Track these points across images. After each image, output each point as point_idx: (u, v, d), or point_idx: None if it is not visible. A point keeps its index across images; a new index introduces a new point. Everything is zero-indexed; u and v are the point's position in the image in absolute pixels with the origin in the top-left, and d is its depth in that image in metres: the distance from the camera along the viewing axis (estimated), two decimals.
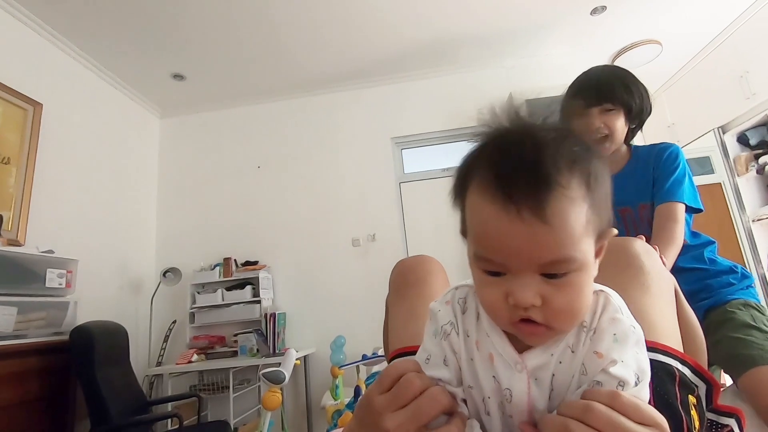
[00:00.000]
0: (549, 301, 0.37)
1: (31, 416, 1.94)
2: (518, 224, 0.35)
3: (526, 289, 0.37)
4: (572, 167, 0.37)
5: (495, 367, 0.44)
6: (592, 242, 0.39)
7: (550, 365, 0.42)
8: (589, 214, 0.38)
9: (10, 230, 2.24)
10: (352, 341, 2.92)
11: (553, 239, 0.36)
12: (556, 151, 0.37)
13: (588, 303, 0.41)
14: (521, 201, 0.35)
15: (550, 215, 0.35)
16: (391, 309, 0.84)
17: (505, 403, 0.44)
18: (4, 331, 1.90)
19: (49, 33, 2.63)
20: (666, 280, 0.70)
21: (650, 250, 0.71)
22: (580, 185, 0.37)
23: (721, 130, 3.21)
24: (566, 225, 0.36)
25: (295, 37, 2.96)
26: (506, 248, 0.37)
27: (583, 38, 3.22)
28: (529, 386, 0.42)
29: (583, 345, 0.41)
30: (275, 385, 1.85)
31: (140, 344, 3.02)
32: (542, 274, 0.37)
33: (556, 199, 0.35)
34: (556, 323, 0.39)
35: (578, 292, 0.38)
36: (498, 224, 0.37)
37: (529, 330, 0.39)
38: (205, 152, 3.66)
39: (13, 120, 2.35)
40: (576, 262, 0.37)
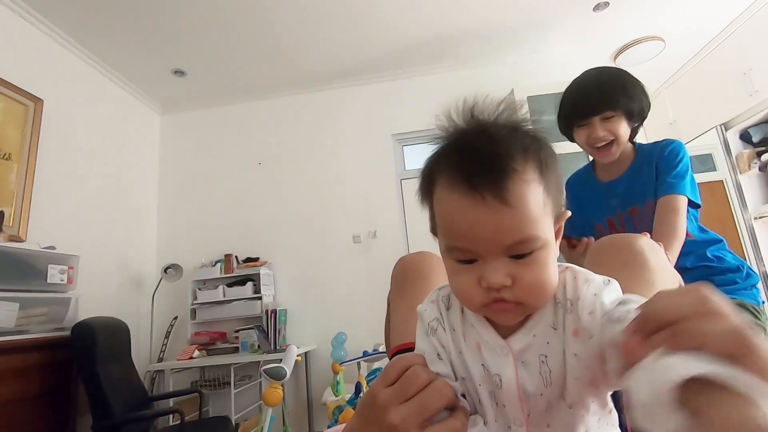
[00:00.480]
0: (518, 279, 0.40)
1: (32, 412, 1.95)
2: (483, 210, 0.39)
3: (497, 272, 0.40)
4: (525, 155, 0.41)
5: (483, 355, 0.46)
6: (551, 223, 0.42)
7: (534, 346, 0.43)
8: (545, 196, 0.41)
9: (12, 226, 2.24)
10: (353, 338, 2.93)
11: (516, 220, 0.39)
12: (509, 142, 0.41)
13: (554, 279, 0.42)
14: (484, 188, 0.38)
15: (510, 198, 0.38)
16: (393, 305, 0.85)
17: (496, 390, 0.45)
18: (5, 327, 1.90)
19: (49, 29, 2.63)
20: (671, 276, 0.69)
21: (655, 247, 0.71)
22: (534, 170, 0.41)
23: (723, 128, 3.19)
24: (526, 206, 0.39)
25: (296, 34, 2.95)
26: (474, 234, 0.40)
27: (585, 34, 3.21)
28: (516, 369, 0.44)
29: (564, 319, 0.43)
30: (276, 381, 1.85)
31: (142, 340, 3.03)
32: (510, 256, 0.40)
33: (515, 183, 0.39)
34: (527, 299, 0.41)
35: (544, 269, 0.41)
36: (465, 212, 0.40)
37: (499, 308, 0.42)
38: (205, 148, 3.66)
39: (15, 116, 2.35)
40: (539, 240, 0.40)
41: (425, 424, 0.41)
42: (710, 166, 3.43)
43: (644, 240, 0.71)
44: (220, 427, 2.17)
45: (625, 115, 1.16)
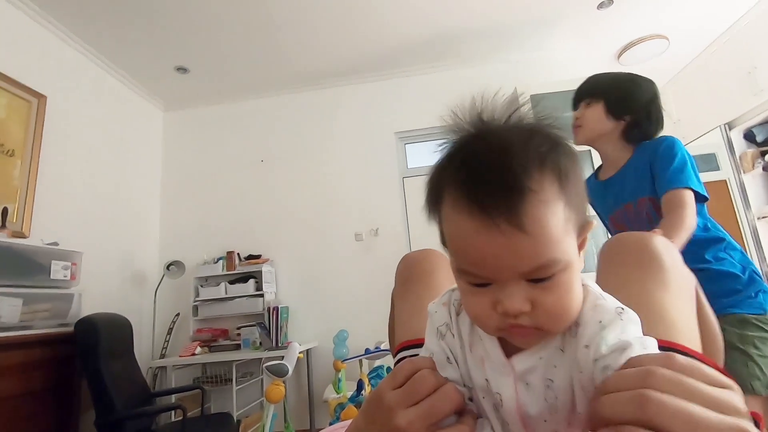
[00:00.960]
0: (538, 304, 0.37)
1: (36, 406, 1.96)
2: (497, 236, 0.35)
3: (514, 298, 0.36)
4: (542, 168, 0.36)
5: (486, 370, 0.44)
6: (573, 239, 0.39)
7: (539, 368, 0.41)
8: (566, 212, 0.37)
9: (15, 222, 2.25)
10: (355, 335, 2.93)
11: (533, 246, 0.35)
12: (523, 152, 0.36)
13: (578, 300, 0.39)
14: (496, 212, 0.35)
15: (527, 223, 0.34)
16: (397, 302, 0.84)
17: (497, 406, 0.43)
18: (9, 322, 1.91)
19: (53, 26, 2.63)
20: (686, 277, 0.67)
21: (669, 246, 0.69)
22: (551, 185, 0.36)
23: (727, 127, 3.18)
24: (545, 230, 0.35)
25: (299, 32, 2.95)
26: (488, 261, 0.36)
27: (589, 33, 3.20)
28: (517, 390, 0.42)
29: (571, 343, 0.40)
30: (278, 378, 1.85)
31: (144, 336, 3.04)
32: (528, 279, 0.37)
33: (531, 205, 0.35)
34: (548, 325, 0.38)
35: (567, 291, 0.38)
36: (477, 238, 0.36)
37: (518, 333, 0.39)
38: (208, 146, 3.66)
39: (18, 112, 2.36)
40: (560, 263, 0.36)
41: (432, 428, 0.40)
42: (714, 166, 3.42)
43: (658, 239, 0.69)
44: (221, 424, 2.18)
45: (603, 101, 1.21)
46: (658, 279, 0.64)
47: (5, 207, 2.16)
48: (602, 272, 0.70)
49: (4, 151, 2.26)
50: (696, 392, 0.30)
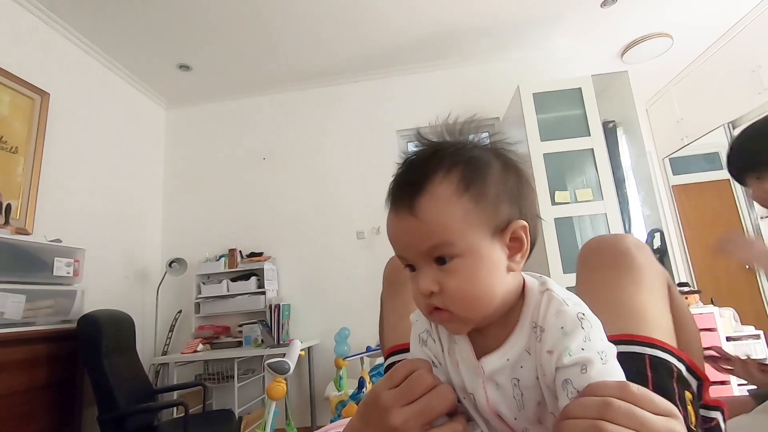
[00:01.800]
0: (443, 286, 0.42)
1: (39, 402, 1.97)
2: (398, 221, 0.44)
3: (424, 278, 0.43)
4: (447, 174, 0.43)
5: (460, 372, 0.46)
6: (480, 232, 0.43)
7: (507, 369, 0.43)
8: (470, 205, 0.43)
9: (18, 219, 2.26)
10: (356, 333, 2.94)
11: (422, 228, 0.42)
12: (437, 164, 0.44)
13: (483, 290, 0.42)
14: (400, 205, 0.44)
15: (418, 211, 0.42)
16: (385, 305, 0.85)
17: (474, 405, 0.46)
18: (13, 319, 1.92)
19: (56, 23, 2.64)
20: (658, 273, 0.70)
21: (641, 245, 0.72)
22: (453, 184, 0.43)
23: (731, 126, 3.17)
24: (432, 216, 0.42)
25: (301, 29, 2.95)
26: (397, 241, 0.45)
27: (592, 31, 3.18)
28: (486, 390, 0.44)
29: (536, 346, 0.42)
30: (280, 375, 1.86)
31: (146, 333, 3.05)
32: (436, 263, 0.43)
33: (424, 199, 0.42)
34: (453, 307, 0.42)
35: (468, 278, 0.42)
36: (390, 223, 0.46)
37: (439, 317, 0.44)
38: (210, 143, 3.67)
39: (21, 109, 2.36)
40: (454, 246, 0.42)
41: (427, 427, 0.41)
42: (717, 165, 3.41)
43: (630, 239, 0.71)
44: (223, 420, 2.19)
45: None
46: (630, 277, 0.66)
47: (9, 203, 2.17)
48: (580, 275, 0.73)
49: (7, 148, 2.26)
50: (645, 422, 0.35)
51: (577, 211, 2.70)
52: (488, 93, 3.34)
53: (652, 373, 0.56)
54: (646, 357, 0.58)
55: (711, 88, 3.43)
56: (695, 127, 3.57)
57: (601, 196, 2.67)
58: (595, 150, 2.71)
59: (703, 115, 3.49)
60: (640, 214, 2.98)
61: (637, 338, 0.59)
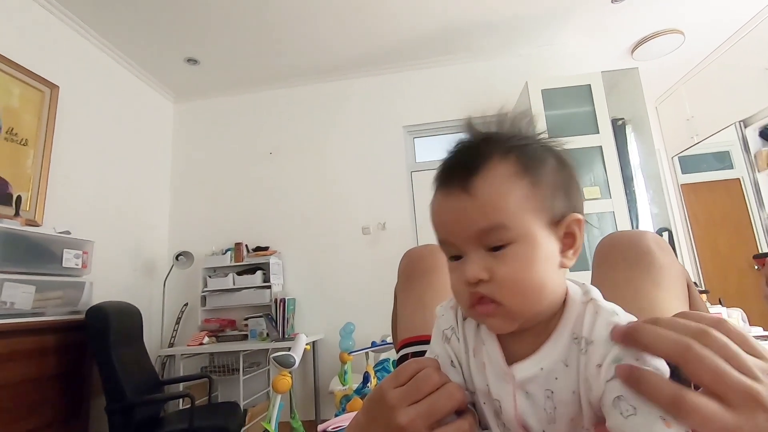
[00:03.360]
0: (494, 273, 0.39)
1: (48, 391, 2.00)
2: (450, 200, 0.41)
3: (473, 264, 0.40)
4: (506, 155, 0.41)
5: (487, 375, 0.44)
6: (536, 220, 0.41)
7: (540, 379, 0.41)
8: (526, 190, 0.40)
9: (28, 211, 2.28)
10: (361, 328, 2.95)
11: (476, 208, 0.40)
12: (493, 147, 0.42)
13: (539, 281, 0.40)
14: (452, 182, 0.42)
15: (473, 188, 0.40)
16: (400, 298, 0.85)
17: (498, 413, 0.44)
18: (23, 309, 1.95)
19: (65, 16, 2.65)
20: (678, 273, 0.69)
21: (662, 243, 0.70)
22: (511, 167, 0.41)
23: (742, 124, 3.13)
24: (488, 195, 0.40)
25: (309, 24, 2.94)
26: (446, 222, 0.42)
27: (602, 27, 3.15)
28: (515, 398, 0.42)
29: (578, 359, 0.39)
30: (285, 369, 1.87)
31: (153, 325, 3.08)
32: (488, 249, 0.40)
33: (481, 177, 0.40)
34: (504, 297, 0.39)
35: (523, 266, 0.39)
36: (438, 205, 0.43)
37: (483, 311, 0.41)
38: (217, 137, 3.68)
39: (31, 102, 2.38)
40: (510, 230, 0.39)
41: (434, 426, 0.40)
42: (728, 164, 3.36)
43: (650, 236, 0.70)
44: (229, 412, 2.21)
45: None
46: (650, 277, 0.65)
47: (19, 195, 2.20)
48: (596, 273, 0.72)
49: (17, 141, 2.29)
50: (737, 357, 0.32)
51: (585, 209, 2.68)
52: (496, 89, 3.31)
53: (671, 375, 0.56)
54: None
55: (722, 85, 3.38)
56: (706, 126, 3.52)
57: (609, 195, 2.65)
58: (604, 148, 2.69)
59: (713, 113, 3.44)
60: (648, 212, 2.95)
61: None
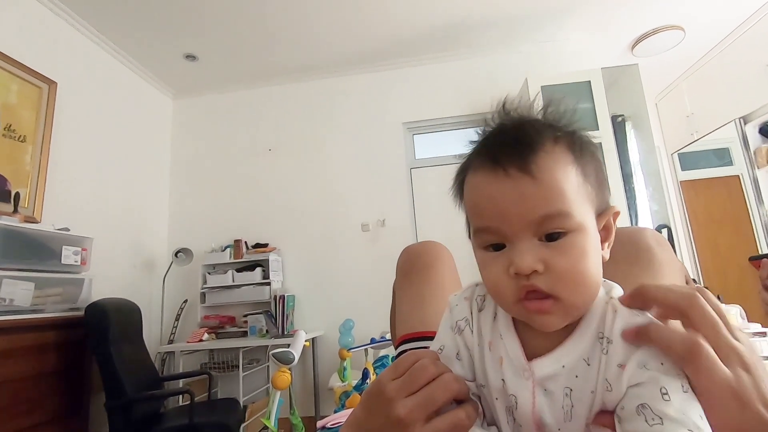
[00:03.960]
0: (551, 265, 0.36)
1: (48, 388, 2.00)
2: (506, 182, 0.37)
3: (525, 254, 0.37)
4: (556, 138, 0.39)
5: (503, 371, 0.43)
6: (589, 210, 0.39)
7: (561, 377, 0.40)
8: (580, 178, 0.39)
9: (27, 207, 2.28)
10: (361, 325, 2.95)
11: (540, 192, 0.37)
12: (540, 126, 0.40)
13: (596, 272, 0.39)
14: (507, 161, 0.38)
15: (534, 170, 0.37)
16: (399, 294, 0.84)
17: (512, 409, 0.42)
18: (22, 306, 1.95)
19: (63, 12, 2.63)
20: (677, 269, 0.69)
21: (661, 240, 0.70)
22: (564, 152, 0.39)
23: (742, 121, 3.12)
24: (553, 179, 0.37)
25: (308, 20, 2.93)
26: (499, 208, 0.38)
27: (602, 23, 3.13)
28: (534, 395, 0.41)
29: (600, 358, 0.38)
30: (285, 365, 1.88)
31: (153, 322, 3.08)
32: (541, 239, 0.37)
33: (541, 158, 0.37)
34: (563, 291, 0.37)
35: (581, 255, 0.37)
36: (488, 187, 0.39)
37: (535, 307, 0.38)
38: (217, 133, 3.67)
39: (29, 98, 2.37)
40: (571, 218, 0.37)
41: (431, 416, 0.40)
42: (727, 161, 3.36)
43: (649, 233, 0.70)
44: (228, 408, 2.21)
45: None
46: (649, 273, 0.65)
47: (17, 192, 2.19)
48: None
49: (16, 137, 2.28)
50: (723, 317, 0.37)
51: None
52: (496, 85, 3.30)
53: None
54: None
55: (722, 82, 3.38)
56: (705, 122, 3.52)
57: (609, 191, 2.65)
58: (604, 144, 2.69)
59: (713, 109, 3.44)
60: (648, 209, 2.95)
61: None
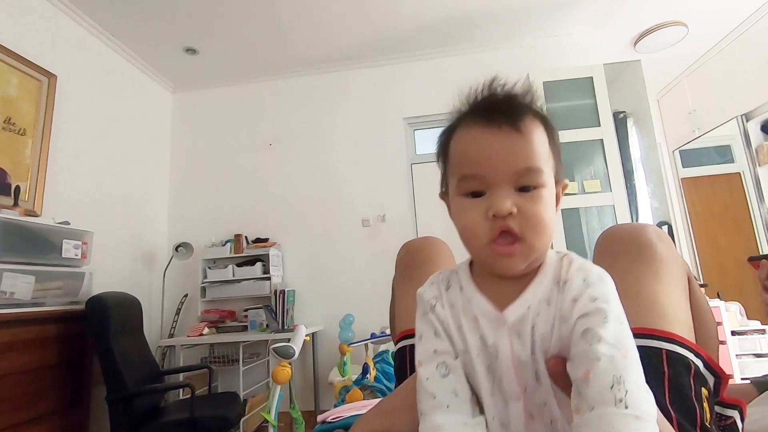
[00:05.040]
0: (523, 210, 0.43)
1: (49, 381, 2.01)
2: (498, 135, 0.45)
3: (504, 199, 0.43)
4: (534, 115, 0.47)
5: (480, 327, 0.46)
6: (551, 174, 0.47)
7: (529, 318, 0.44)
8: (549, 146, 0.47)
9: (27, 201, 2.28)
10: (361, 320, 2.96)
11: (526, 147, 0.44)
12: (524, 102, 0.48)
13: (553, 222, 0.46)
14: (500, 119, 0.45)
15: (523, 128, 0.45)
16: (398, 290, 0.85)
17: (492, 362, 0.45)
18: (23, 299, 1.95)
19: (64, 5, 2.62)
20: (679, 266, 0.69)
21: (663, 236, 0.70)
22: (540, 124, 0.47)
23: (744, 118, 3.11)
24: (535, 137, 0.45)
25: (309, 14, 2.91)
26: (490, 157, 0.44)
27: (605, 18, 3.11)
28: (511, 340, 0.45)
29: (557, 298, 0.45)
30: (285, 360, 1.88)
31: (153, 316, 3.09)
32: (516, 189, 0.44)
33: (527, 119, 0.46)
34: (529, 232, 0.43)
35: (546, 206, 0.45)
36: (481, 139, 0.45)
37: (504, 250, 0.44)
38: (217, 128, 3.66)
39: (29, 91, 2.37)
40: (543, 175, 0.45)
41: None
42: (728, 158, 3.36)
43: (651, 229, 0.70)
44: (229, 402, 2.22)
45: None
46: (651, 269, 0.65)
47: (18, 185, 2.19)
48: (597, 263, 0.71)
49: (16, 130, 2.27)
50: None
51: (585, 202, 2.68)
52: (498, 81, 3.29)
53: (669, 368, 0.56)
54: (663, 352, 0.57)
55: (725, 79, 3.36)
56: (707, 119, 3.51)
57: (610, 188, 2.64)
58: (605, 140, 2.68)
59: (715, 106, 3.43)
60: (649, 206, 2.95)
61: (655, 332, 0.59)
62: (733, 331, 2.58)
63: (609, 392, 0.37)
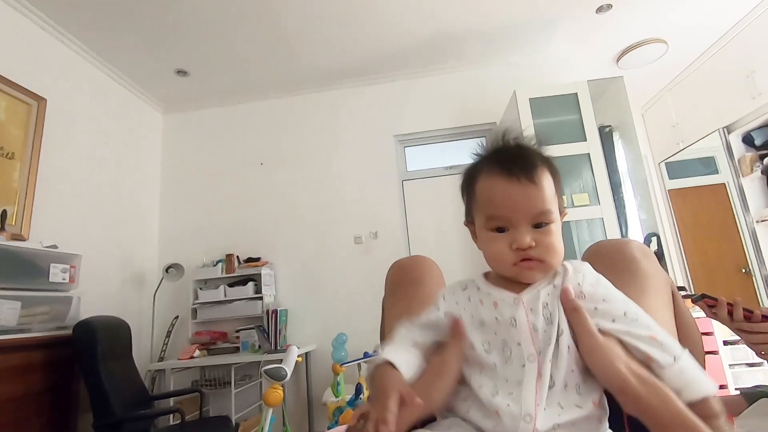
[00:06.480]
0: (539, 242, 0.57)
1: (35, 409, 1.96)
2: (518, 186, 0.57)
3: (525, 236, 0.56)
4: (543, 161, 0.61)
5: (500, 309, 0.58)
6: (557, 210, 0.60)
7: (540, 297, 0.57)
8: (555, 189, 0.60)
9: (14, 225, 2.25)
10: (354, 339, 2.93)
11: (540, 195, 0.57)
12: (533, 151, 0.61)
13: (562, 247, 0.59)
14: (519, 173, 0.57)
15: (536, 179, 0.57)
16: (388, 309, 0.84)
17: (511, 331, 0.56)
18: (8, 325, 1.91)
19: (52, 28, 2.64)
20: (663, 280, 0.70)
21: (646, 251, 0.72)
22: (547, 170, 0.60)
23: (726, 130, 3.19)
24: (546, 187, 0.58)
25: (298, 34, 2.96)
26: (511, 204, 0.57)
27: (588, 36, 3.20)
28: (527, 313, 0.57)
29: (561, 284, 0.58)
30: (277, 382, 1.85)
31: (143, 339, 3.03)
32: (532, 226, 0.57)
33: (539, 172, 0.58)
34: (547, 257, 0.57)
35: (556, 237, 0.58)
36: (505, 189, 0.58)
37: (527, 266, 0.57)
38: (207, 148, 3.67)
39: (18, 115, 2.36)
40: (552, 214, 0.58)
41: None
42: (713, 169, 3.42)
43: (635, 245, 0.72)
44: (220, 427, 2.17)
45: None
46: (635, 284, 0.67)
47: (4, 209, 2.16)
48: None
49: (3, 154, 2.26)
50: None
51: (574, 216, 2.71)
52: (485, 98, 3.35)
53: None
54: None
55: (706, 93, 3.45)
56: (691, 132, 3.59)
57: (598, 201, 2.68)
58: (592, 155, 2.72)
59: (698, 119, 3.51)
60: (637, 218, 2.98)
61: None
62: (725, 341, 2.59)
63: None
